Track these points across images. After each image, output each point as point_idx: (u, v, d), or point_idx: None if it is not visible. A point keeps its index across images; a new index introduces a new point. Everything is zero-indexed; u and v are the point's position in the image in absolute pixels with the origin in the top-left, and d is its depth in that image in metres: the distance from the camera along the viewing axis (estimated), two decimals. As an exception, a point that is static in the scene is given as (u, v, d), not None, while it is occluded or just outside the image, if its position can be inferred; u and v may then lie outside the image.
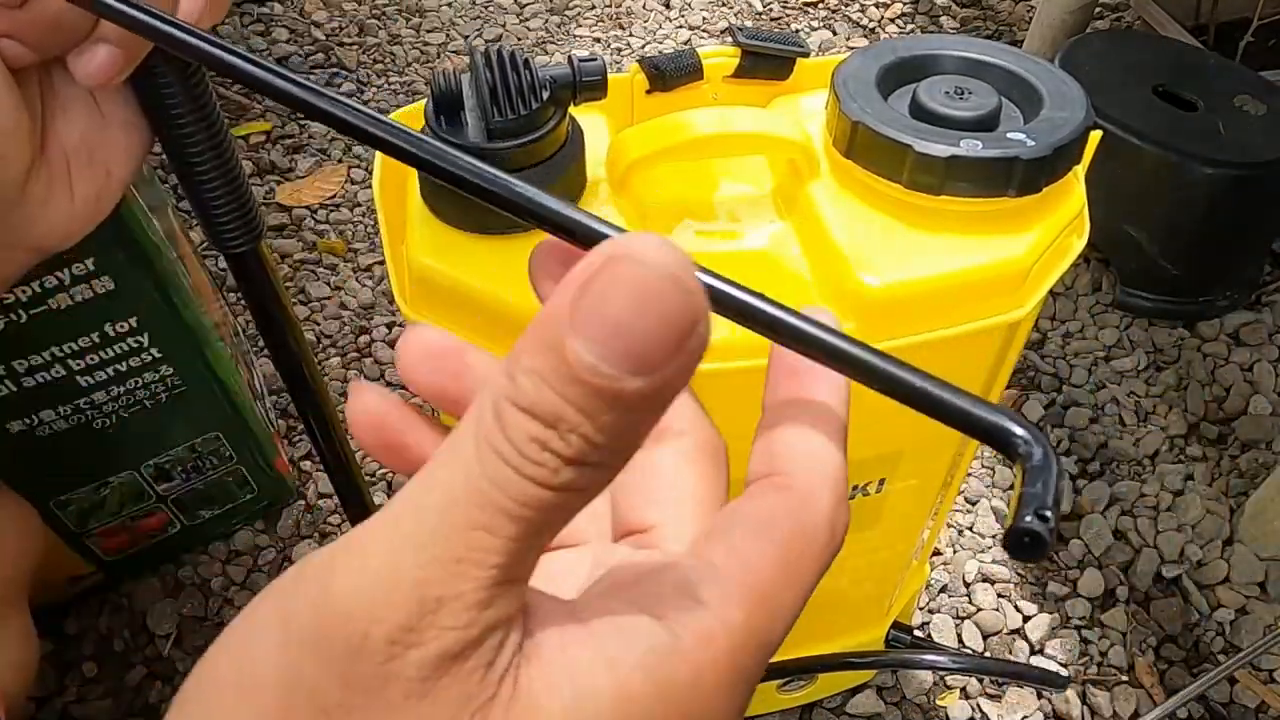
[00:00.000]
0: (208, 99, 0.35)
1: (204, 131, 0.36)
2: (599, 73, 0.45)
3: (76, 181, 0.33)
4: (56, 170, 0.32)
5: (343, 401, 1.05)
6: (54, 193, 0.32)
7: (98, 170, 0.33)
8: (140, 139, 0.35)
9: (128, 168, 0.35)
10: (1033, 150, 0.45)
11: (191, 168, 0.37)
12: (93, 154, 0.33)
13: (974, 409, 0.18)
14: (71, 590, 0.87)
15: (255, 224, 0.40)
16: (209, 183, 0.37)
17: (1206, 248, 1.10)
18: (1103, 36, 1.23)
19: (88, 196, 0.33)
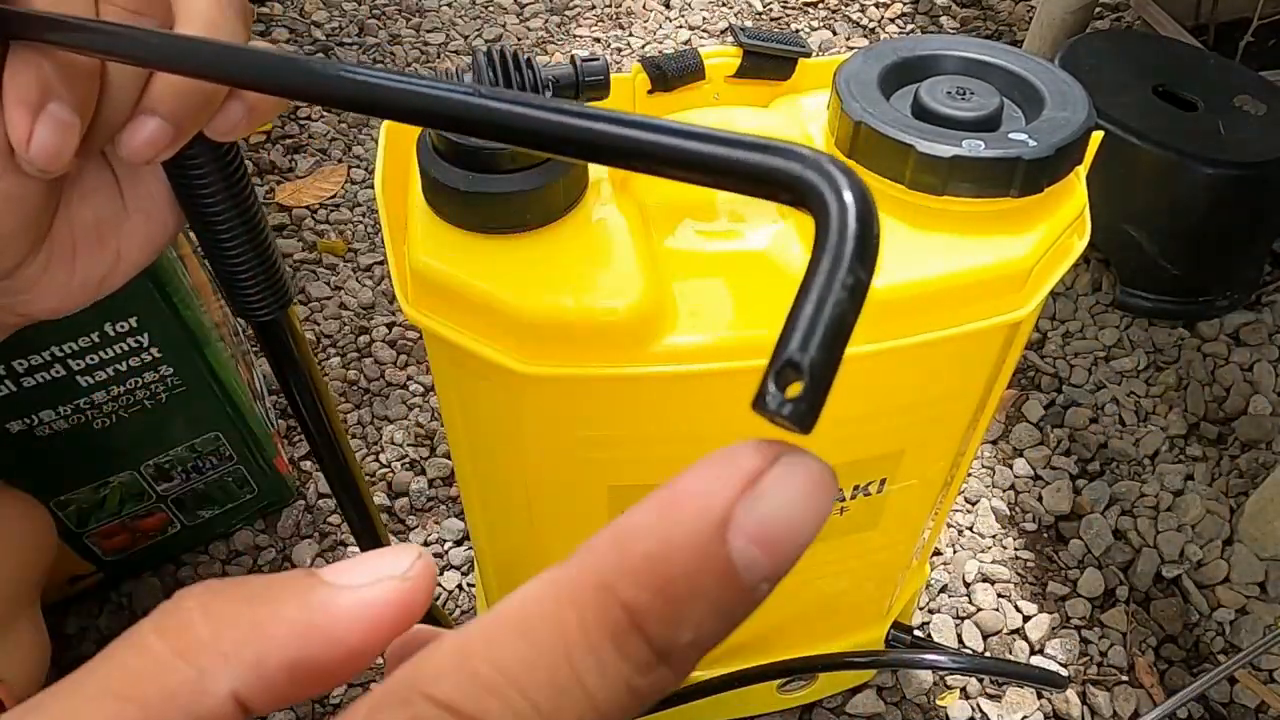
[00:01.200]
0: (242, 180, 0.33)
1: (236, 212, 0.33)
2: (602, 72, 0.45)
3: (80, 262, 0.30)
4: (59, 249, 0.29)
5: (343, 405, 1.05)
6: (52, 269, 0.30)
7: (106, 253, 0.31)
8: (162, 229, 0.32)
9: (143, 256, 0.32)
10: (1035, 150, 0.45)
11: (220, 245, 0.34)
12: (103, 238, 0.31)
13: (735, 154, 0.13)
14: (71, 590, 0.87)
15: (283, 291, 0.38)
16: (236, 256, 0.35)
17: (1206, 248, 1.10)
18: (1103, 36, 1.23)
19: (89, 279, 0.31)
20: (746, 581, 0.11)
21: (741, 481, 0.12)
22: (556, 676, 0.11)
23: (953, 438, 0.57)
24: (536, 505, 0.56)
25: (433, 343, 0.50)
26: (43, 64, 0.24)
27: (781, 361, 0.11)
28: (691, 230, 0.50)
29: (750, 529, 0.11)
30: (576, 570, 0.12)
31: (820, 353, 0.11)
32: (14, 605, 0.66)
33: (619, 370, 0.45)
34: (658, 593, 0.11)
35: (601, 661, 0.11)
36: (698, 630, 0.11)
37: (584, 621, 0.11)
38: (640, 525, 0.12)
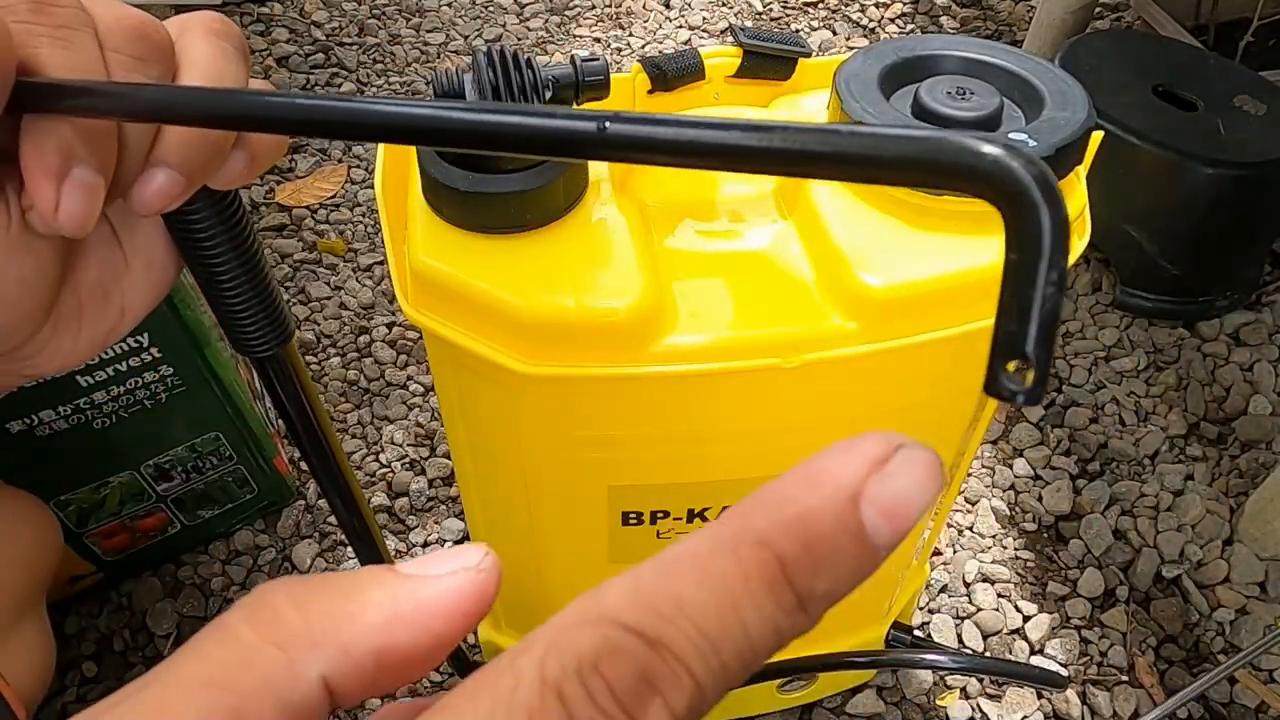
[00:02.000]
0: (241, 222, 0.33)
1: (235, 254, 0.33)
2: (601, 72, 0.45)
3: (86, 324, 0.30)
4: (66, 315, 0.29)
5: (343, 405, 1.05)
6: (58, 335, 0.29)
7: (111, 310, 0.31)
8: (163, 276, 0.32)
9: (145, 306, 0.32)
10: (1035, 150, 0.45)
11: (219, 286, 0.34)
12: (108, 295, 0.30)
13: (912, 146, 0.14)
14: (71, 590, 0.87)
15: (283, 327, 0.38)
16: (236, 298, 0.35)
17: (1206, 248, 1.10)
18: (1103, 36, 1.23)
19: (95, 337, 0.30)
20: (872, 545, 0.14)
21: (871, 464, 0.14)
22: (723, 614, 0.13)
23: (953, 437, 0.57)
24: (536, 505, 0.56)
25: (433, 343, 0.50)
26: (62, 130, 0.24)
27: (1012, 353, 0.13)
28: (691, 230, 0.51)
29: (878, 502, 0.14)
30: (736, 527, 0.14)
31: (1043, 345, 0.13)
32: (20, 607, 0.66)
33: (619, 370, 0.45)
34: (805, 548, 0.13)
35: (759, 603, 0.13)
36: (831, 583, 0.14)
37: (746, 569, 0.13)
38: (788, 494, 0.14)
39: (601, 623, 0.13)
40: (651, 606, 0.13)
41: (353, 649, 0.15)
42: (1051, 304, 0.13)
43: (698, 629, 0.13)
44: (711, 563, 0.13)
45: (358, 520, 0.49)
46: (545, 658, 0.13)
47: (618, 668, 0.13)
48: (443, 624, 0.15)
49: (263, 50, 1.52)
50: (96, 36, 0.25)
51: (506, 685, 0.13)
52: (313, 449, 0.44)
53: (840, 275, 0.46)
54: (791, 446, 0.52)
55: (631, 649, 0.13)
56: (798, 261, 0.49)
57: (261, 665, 0.14)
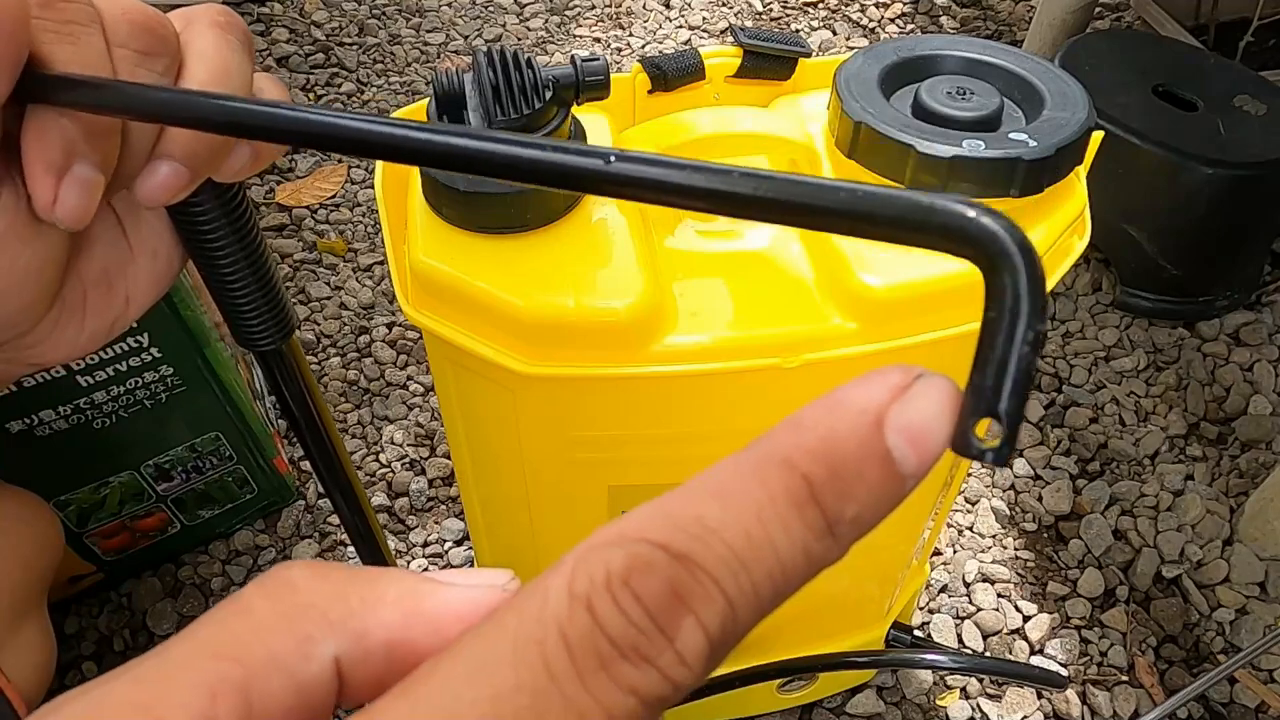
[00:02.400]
0: (245, 214, 0.33)
1: (239, 246, 0.34)
2: (602, 72, 0.45)
3: (90, 313, 0.30)
4: (71, 304, 0.29)
5: (343, 405, 1.05)
6: (63, 324, 0.29)
7: (116, 300, 0.31)
8: (167, 267, 0.32)
9: (149, 297, 0.32)
10: (1035, 151, 0.45)
11: (222, 278, 0.35)
12: (112, 285, 0.30)
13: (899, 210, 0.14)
14: (71, 590, 0.87)
15: (285, 321, 0.38)
16: (239, 291, 0.35)
17: (1206, 248, 1.10)
18: (1103, 36, 1.23)
19: (100, 327, 0.31)
20: (898, 470, 0.14)
21: (893, 391, 0.14)
22: (750, 532, 0.13)
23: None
24: (536, 505, 0.56)
25: (433, 343, 0.50)
26: (65, 124, 0.24)
27: (982, 412, 0.13)
28: (691, 230, 0.51)
29: (902, 426, 0.14)
30: (762, 450, 0.14)
31: (1014, 403, 0.13)
32: (22, 606, 0.66)
33: (619, 370, 0.45)
34: (831, 471, 0.14)
35: (786, 523, 0.13)
36: (859, 508, 0.14)
37: (771, 490, 0.13)
38: (813, 418, 0.14)
39: (630, 540, 0.13)
40: (680, 525, 0.13)
41: (367, 637, 0.15)
42: (1026, 364, 0.13)
43: (727, 546, 0.13)
44: (738, 484, 0.14)
45: (358, 516, 0.49)
46: (575, 573, 0.13)
47: (648, 582, 0.13)
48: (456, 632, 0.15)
49: (263, 50, 1.52)
50: (103, 31, 0.25)
51: (535, 603, 0.13)
52: (314, 443, 0.44)
53: (840, 275, 0.46)
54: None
55: (662, 563, 0.13)
56: (798, 261, 0.49)
57: (273, 640, 0.14)
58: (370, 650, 0.14)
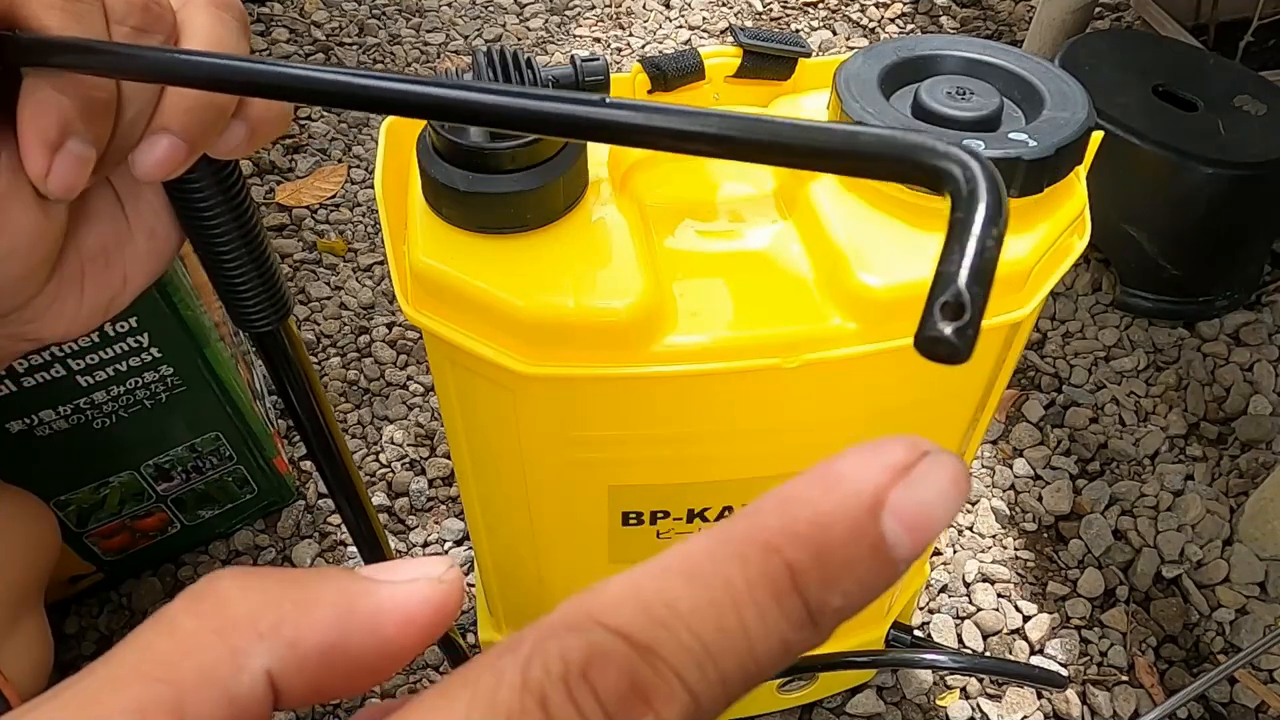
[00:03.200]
0: (241, 194, 0.33)
1: (235, 226, 0.34)
2: (601, 72, 0.45)
3: (88, 288, 0.30)
4: (69, 277, 0.30)
5: (343, 405, 1.05)
6: (61, 297, 0.30)
7: (114, 277, 0.31)
8: (166, 246, 0.33)
9: (147, 276, 0.32)
10: (1035, 151, 0.45)
11: (219, 258, 0.35)
12: (110, 261, 0.31)
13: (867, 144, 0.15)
14: (72, 590, 0.87)
15: (282, 303, 0.38)
16: (236, 270, 0.35)
17: (1206, 248, 1.10)
18: (1103, 36, 1.23)
19: (97, 303, 0.31)
20: (892, 558, 0.13)
21: (894, 471, 0.13)
22: (723, 621, 0.12)
23: (953, 438, 0.57)
24: (536, 505, 0.56)
25: (432, 343, 0.50)
26: (61, 99, 0.25)
27: (947, 295, 0.13)
28: (691, 230, 0.51)
29: (900, 512, 0.13)
30: (744, 529, 0.13)
31: (979, 287, 0.13)
32: (19, 604, 0.66)
33: (619, 370, 0.45)
34: (817, 558, 0.12)
35: (763, 613, 0.12)
36: (846, 597, 0.13)
37: (750, 576, 0.12)
38: (804, 497, 0.13)
39: (591, 625, 0.12)
40: (646, 609, 0.12)
41: (300, 645, 0.14)
42: (989, 253, 0.13)
43: (695, 636, 0.12)
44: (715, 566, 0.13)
45: (353, 501, 0.49)
46: (530, 659, 0.12)
47: (606, 676, 0.12)
48: (396, 631, 0.15)
49: (263, 50, 1.52)
50: (104, 8, 0.26)
51: (487, 685, 0.12)
52: (310, 427, 0.44)
53: (840, 275, 0.46)
54: (791, 446, 0.52)
55: (622, 655, 0.12)
56: (798, 261, 0.49)
57: (201, 655, 0.13)
58: (305, 656, 0.14)
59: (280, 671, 0.14)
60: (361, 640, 0.14)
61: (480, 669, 0.12)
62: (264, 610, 0.14)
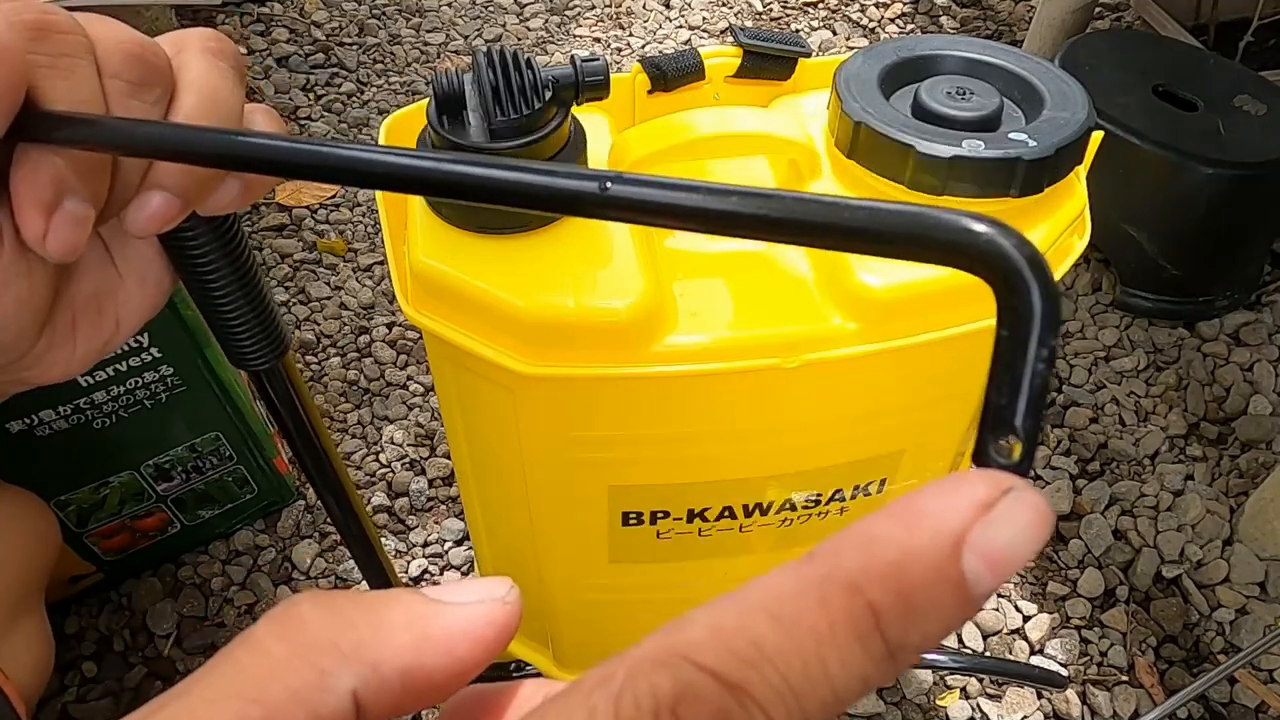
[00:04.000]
0: (237, 239, 0.33)
1: (230, 270, 0.34)
2: (602, 72, 0.45)
3: (81, 336, 0.30)
4: (61, 328, 0.29)
5: (343, 405, 1.05)
6: (55, 347, 0.30)
7: (106, 323, 0.31)
8: (157, 290, 0.32)
9: (140, 318, 0.32)
10: (1035, 151, 0.45)
11: (214, 302, 0.35)
12: (102, 309, 0.31)
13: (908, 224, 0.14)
14: (72, 590, 0.87)
15: (279, 341, 0.38)
16: (231, 313, 0.35)
17: (1206, 248, 1.10)
18: (1103, 36, 1.23)
19: (91, 349, 0.31)
20: (972, 595, 0.13)
21: (977, 508, 0.13)
22: (807, 663, 0.12)
23: (953, 438, 0.57)
24: (536, 505, 0.56)
25: (432, 343, 0.50)
26: (56, 161, 0.24)
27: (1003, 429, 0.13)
28: (691, 230, 0.50)
29: (983, 550, 0.13)
30: (826, 570, 0.13)
31: (1031, 420, 0.13)
32: (20, 603, 0.66)
33: (619, 370, 0.45)
34: (899, 598, 0.13)
35: (845, 654, 0.12)
36: (925, 634, 0.13)
37: (833, 616, 0.13)
38: (885, 536, 0.13)
39: (680, 662, 0.12)
40: (732, 649, 0.12)
41: (382, 666, 0.15)
42: (1041, 380, 0.13)
43: (781, 677, 0.12)
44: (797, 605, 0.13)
45: (354, 524, 0.49)
46: (621, 694, 0.12)
47: (697, 712, 0.12)
48: (467, 651, 0.15)
49: (263, 50, 1.52)
50: (96, 62, 0.25)
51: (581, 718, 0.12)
52: (309, 458, 0.44)
53: (840, 275, 0.46)
54: (791, 446, 0.52)
55: (712, 693, 0.12)
56: (798, 261, 0.49)
57: (290, 677, 0.14)
58: (386, 679, 0.15)
59: (364, 691, 0.14)
60: (436, 661, 0.15)
61: (573, 703, 0.12)
62: (345, 633, 0.15)
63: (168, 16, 1.38)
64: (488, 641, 0.16)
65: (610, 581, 0.61)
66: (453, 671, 0.15)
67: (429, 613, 0.15)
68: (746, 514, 0.55)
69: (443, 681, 0.15)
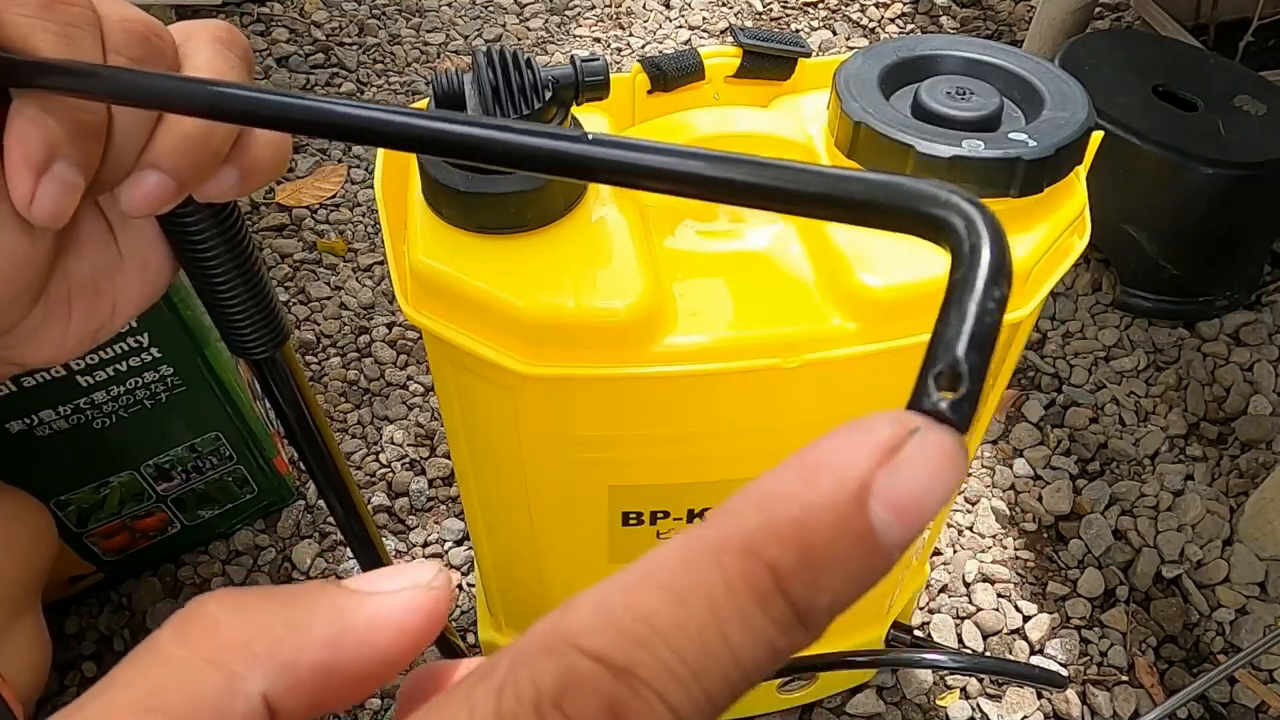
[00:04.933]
0: (237, 226, 0.33)
1: (231, 258, 0.33)
2: (601, 72, 0.45)
3: (75, 316, 0.30)
4: (55, 304, 0.29)
5: (343, 405, 1.05)
6: (47, 324, 0.29)
7: (102, 305, 0.30)
8: (157, 278, 0.32)
9: (137, 305, 0.32)
10: (1035, 151, 0.45)
11: (214, 289, 0.35)
12: (100, 290, 0.30)
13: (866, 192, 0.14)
14: (71, 590, 0.87)
15: (279, 329, 0.38)
16: (232, 301, 0.35)
17: (1206, 248, 1.10)
18: (1103, 36, 1.23)
19: (85, 331, 0.30)
20: (884, 547, 0.12)
21: (880, 453, 0.12)
22: (704, 634, 0.11)
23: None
24: (536, 505, 0.56)
25: (432, 343, 0.50)
26: (49, 122, 0.24)
27: (942, 364, 0.12)
28: (691, 230, 0.50)
29: (890, 498, 0.12)
30: (719, 532, 0.12)
31: (978, 356, 0.12)
32: (16, 604, 0.66)
33: (619, 370, 0.45)
34: (801, 556, 0.12)
35: (747, 620, 0.11)
36: (835, 594, 0.12)
37: (730, 582, 0.12)
38: (782, 491, 0.12)
39: (566, 649, 0.12)
40: (621, 629, 0.11)
41: (295, 665, 0.14)
42: (990, 320, 0.12)
43: (675, 654, 0.11)
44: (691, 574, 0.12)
45: (355, 521, 0.49)
46: (503, 687, 0.11)
47: (582, 703, 0.11)
48: (390, 642, 0.15)
49: (263, 50, 1.52)
50: (101, 37, 0.25)
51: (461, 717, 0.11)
52: (310, 450, 0.44)
53: (840, 275, 0.46)
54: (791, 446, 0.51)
55: (598, 679, 0.11)
56: (798, 261, 0.49)
57: (195, 683, 0.13)
58: (301, 677, 0.14)
59: (276, 693, 0.14)
60: (356, 654, 0.14)
61: (456, 699, 0.12)
62: (256, 633, 0.14)
63: (168, 16, 1.38)
64: (414, 629, 0.15)
65: (610, 581, 0.61)
66: (374, 664, 0.14)
67: (349, 605, 0.15)
68: (746, 514, 0.55)
69: (364, 675, 0.14)
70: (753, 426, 0.50)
